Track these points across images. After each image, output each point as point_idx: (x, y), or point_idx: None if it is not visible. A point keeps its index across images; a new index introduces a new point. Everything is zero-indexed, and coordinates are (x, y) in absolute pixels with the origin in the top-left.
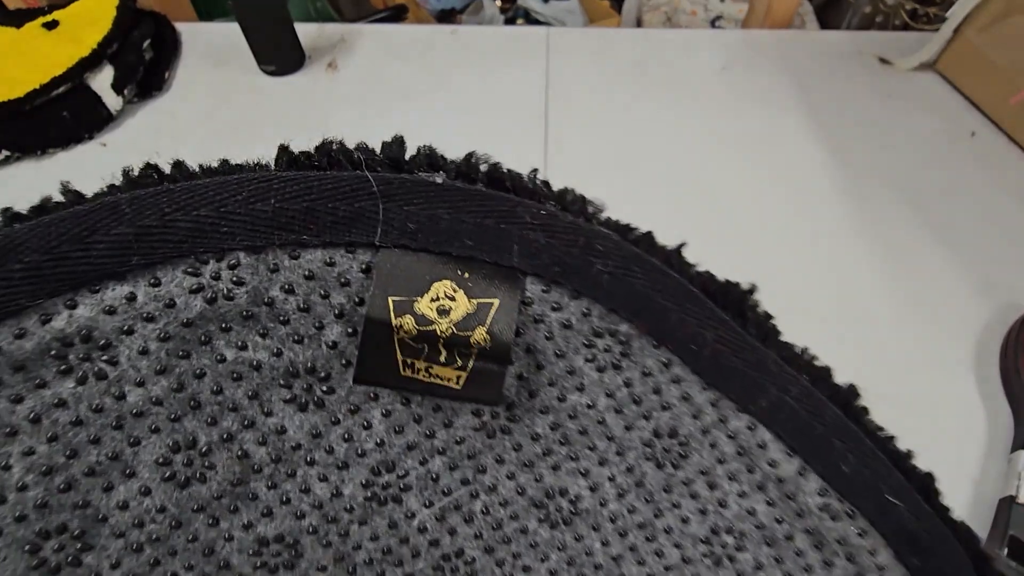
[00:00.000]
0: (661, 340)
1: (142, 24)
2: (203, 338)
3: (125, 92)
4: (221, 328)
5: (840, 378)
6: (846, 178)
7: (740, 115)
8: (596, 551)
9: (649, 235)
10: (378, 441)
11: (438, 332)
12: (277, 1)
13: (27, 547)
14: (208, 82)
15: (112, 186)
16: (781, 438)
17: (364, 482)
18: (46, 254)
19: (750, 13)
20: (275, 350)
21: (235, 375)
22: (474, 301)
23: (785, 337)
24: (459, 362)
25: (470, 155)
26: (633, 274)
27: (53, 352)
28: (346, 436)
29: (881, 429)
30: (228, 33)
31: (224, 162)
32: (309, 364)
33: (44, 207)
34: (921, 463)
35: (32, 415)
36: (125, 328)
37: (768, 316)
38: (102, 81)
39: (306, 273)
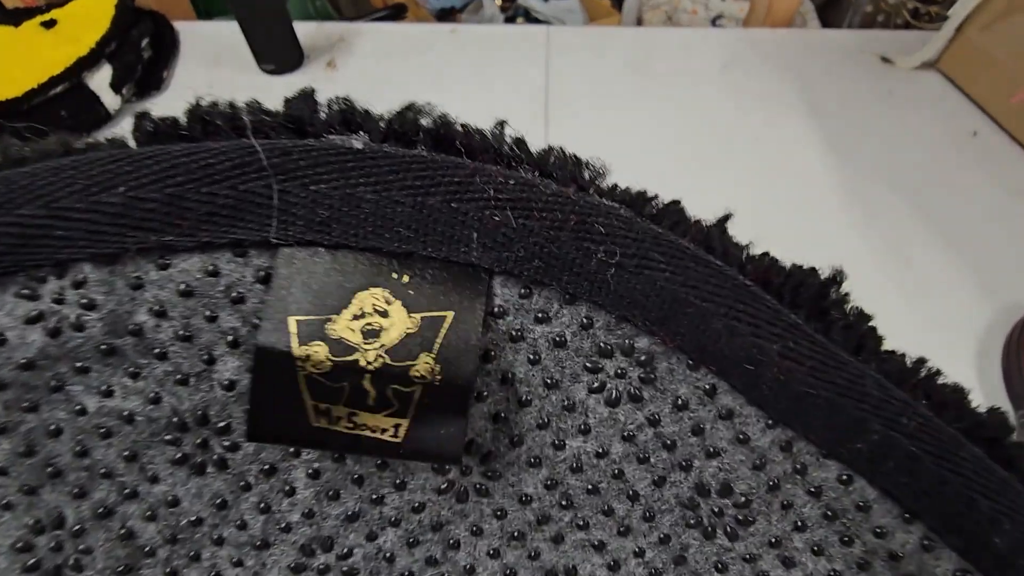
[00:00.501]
0: (700, 358)
1: (141, 23)
2: (52, 384)
3: (124, 91)
4: (75, 369)
5: None
6: (847, 177)
7: (741, 115)
8: None
9: (675, 206)
10: (306, 511)
11: (363, 364)
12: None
13: None
14: (207, 81)
15: None
16: (892, 495)
17: (293, 566)
18: None
19: (751, 12)
20: (151, 395)
21: (102, 431)
22: (416, 316)
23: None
24: (396, 405)
25: (407, 106)
26: (654, 264)
27: None
28: (262, 506)
29: None
30: (227, 32)
31: (62, 141)
32: (200, 412)
33: None
34: None
35: None
36: None
37: (864, 316)
38: (100, 80)
39: (181, 288)
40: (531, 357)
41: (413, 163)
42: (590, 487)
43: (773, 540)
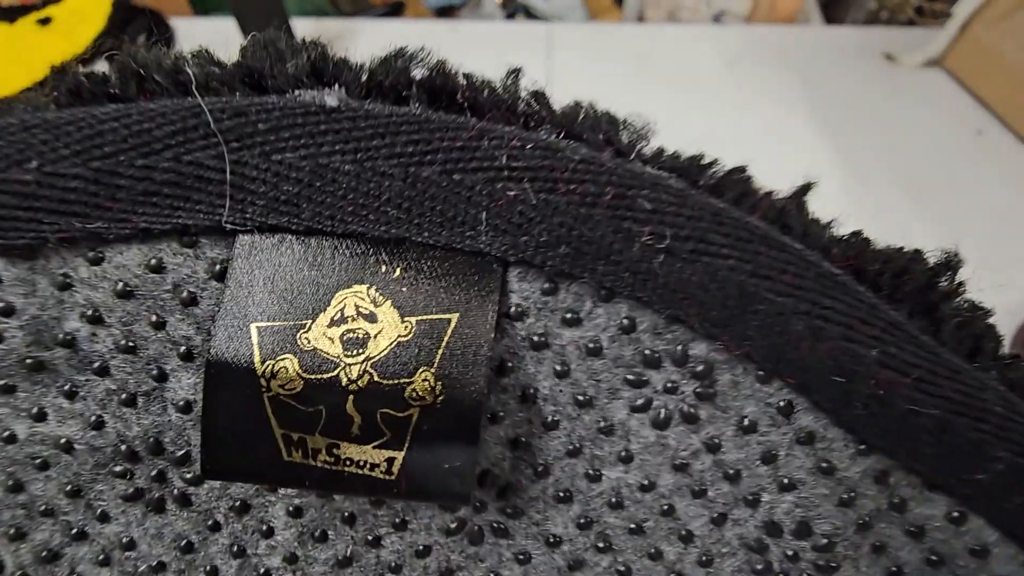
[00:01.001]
0: (774, 368)
1: (136, 20)
2: None
3: None
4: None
5: None
6: (851, 175)
7: (743, 111)
8: None
9: (740, 173)
10: (288, 555)
11: (345, 382)
12: None
13: None
14: None
15: None
16: (1019, 539)
17: None
18: None
19: (753, 8)
20: (93, 419)
21: (37, 461)
22: (411, 320)
23: None
24: (388, 434)
25: (395, 52)
26: (714, 249)
27: None
28: (235, 549)
29: None
30: (224, 28)
31: None
32: (152, 439)
33: None
34: None
35: None
36: None
37: (980, 311)
38: None
39: (119, 287)
40: (558, 369)
41: (403, 124)
42: (633, 526)
43: None
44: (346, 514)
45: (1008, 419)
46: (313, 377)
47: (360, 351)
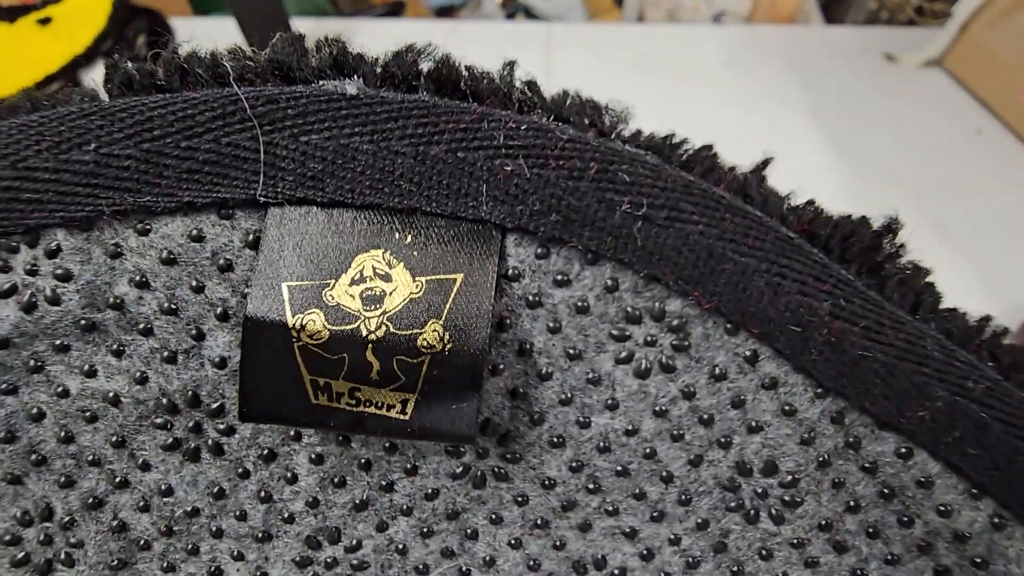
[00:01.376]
0: (740, 321)
1: (136, 20)
2: (32, 364)
3: None
4: (54, 347)
5: None
6: (851, 175)
7: (743, 111)
8: None
9: (707, 151)
10: (310, 500)
11: (365, 333)
12: None
13: None
14: None
15: None
16: (958, 469)
17: (298, 559)
18: None
19: (753, 8)
20: (137, 375)
21: (87, 414)
22: (422, 279)
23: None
24: (403, 378)
25: (406, 48)
26: (685, 216)
27: None
28: (262, 495)
29: None
30: (223, 28)
31: (28, 95)
32: (190, 393)
33: None
34: None
35: None
36: None
37: (920, 270)
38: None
39: (164, 255)
40: (551, 325)
41: (413, 109)
42: (619, 469)
43: (823, 523)
44: (363, 461)
45: (946, 363)
46: (337, 329)
47: (377, 306)
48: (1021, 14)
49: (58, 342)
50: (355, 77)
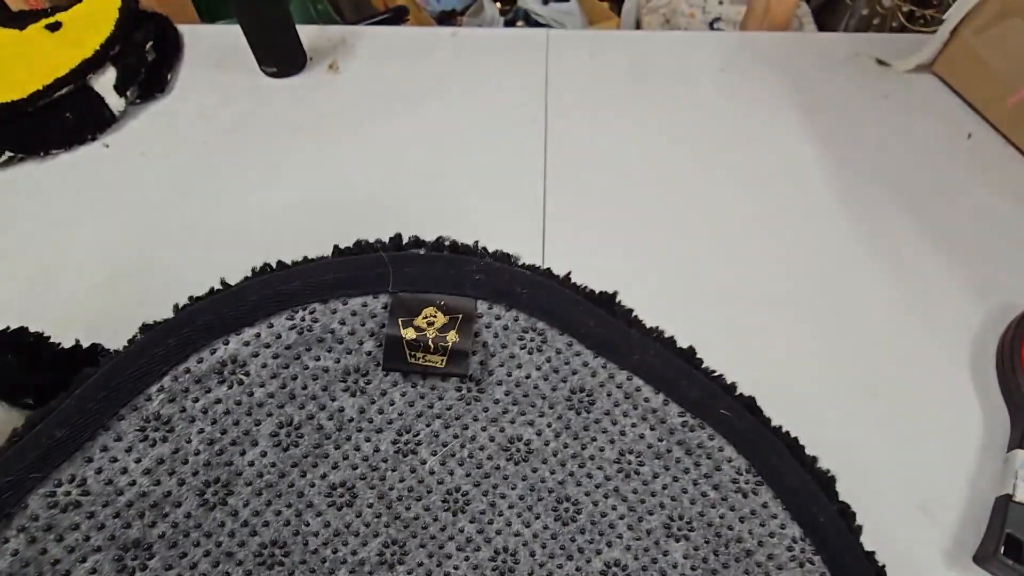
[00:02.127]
0: (565, 329)
1: (144, 26)
2: (296, 355)
3: (128, 93)
4: (305, 348)
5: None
6: (843, 179)
7: (738, 117)
8: (547, 478)
9: (549, 271)
10: (399, 412)
11: (428, 336)
12: (278, 3)
13: (197, 492)
14: (210, 83)
15: (254, 270)
16: (649, 381)
17: (393, 440)
18: (216, 315)
19: (748, 15)
20: (336, 359)
21: (314, 376)
22: (447, 317)
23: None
24: (442, 352)
25: (439, 239)
26: (542, 292)
27: (215, 370)
28: (380, 410)
29: (712, 371)
30: (230, 35)
31: (305, 258)
32: (356, 366)
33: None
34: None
35: (203, 408)
36: (254, 353)
37: (630, 310)
38: (105, 82)
39: (352, 311)
40: (494, 334)
41: (443, 259)
42: (524, 394)
43: (605, 411)
44: (421, 393)
45: (640, 341)
46: (418, 335)
47: (432, 327)
48: (1010, 20)
49: (307, 346)
50: (422, 248)
